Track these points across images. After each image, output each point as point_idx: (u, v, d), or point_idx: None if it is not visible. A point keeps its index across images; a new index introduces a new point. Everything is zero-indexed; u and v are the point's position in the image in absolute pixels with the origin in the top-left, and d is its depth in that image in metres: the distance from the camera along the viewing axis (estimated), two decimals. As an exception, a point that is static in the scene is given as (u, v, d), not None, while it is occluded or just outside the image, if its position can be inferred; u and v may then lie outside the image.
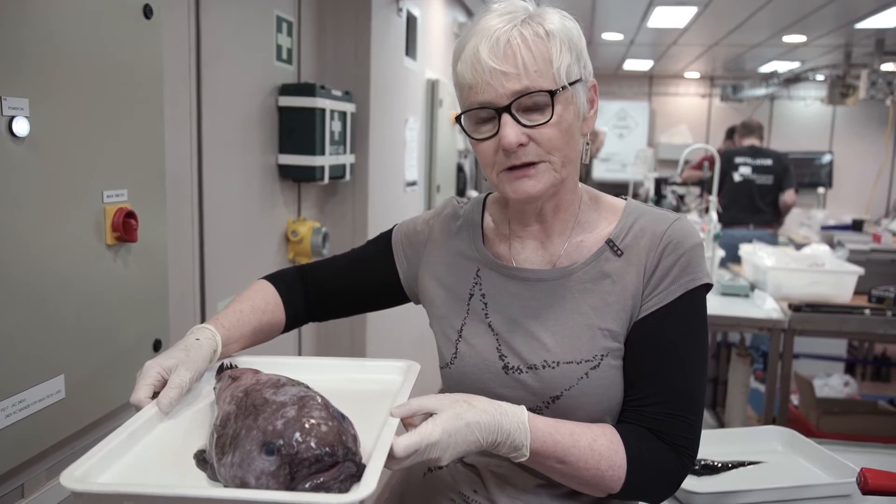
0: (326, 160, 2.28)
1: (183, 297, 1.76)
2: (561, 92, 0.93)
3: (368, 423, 0.83)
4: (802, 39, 6.00)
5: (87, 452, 0.77)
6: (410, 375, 1.00)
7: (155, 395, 0.91)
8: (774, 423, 2.76)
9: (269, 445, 0.72)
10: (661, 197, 6.11)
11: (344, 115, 2.41)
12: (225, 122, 1.92)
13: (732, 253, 3.91)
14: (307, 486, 0.70)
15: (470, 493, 1.02)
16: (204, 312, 1.86)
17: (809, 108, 8.45)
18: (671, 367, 0.97)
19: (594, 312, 0.99)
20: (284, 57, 2.25)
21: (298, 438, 0.72)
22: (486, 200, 1.14)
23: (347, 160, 2.47)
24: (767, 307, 3.06)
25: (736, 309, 3.06)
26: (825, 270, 3.15)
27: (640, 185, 6.74)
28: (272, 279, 1.19)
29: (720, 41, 6.28)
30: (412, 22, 3.19)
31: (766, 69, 7.99)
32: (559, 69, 0.93)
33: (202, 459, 0.81)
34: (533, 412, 0.91)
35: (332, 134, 2.31)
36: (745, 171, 4.91)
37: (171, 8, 1.64)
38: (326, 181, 2.31)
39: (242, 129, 2.04)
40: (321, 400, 0.78)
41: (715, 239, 3.42)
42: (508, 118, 0.92)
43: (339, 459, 0.72)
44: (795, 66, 7.69)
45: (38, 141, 1.10)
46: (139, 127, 1.36)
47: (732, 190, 4.90)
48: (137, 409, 0.89)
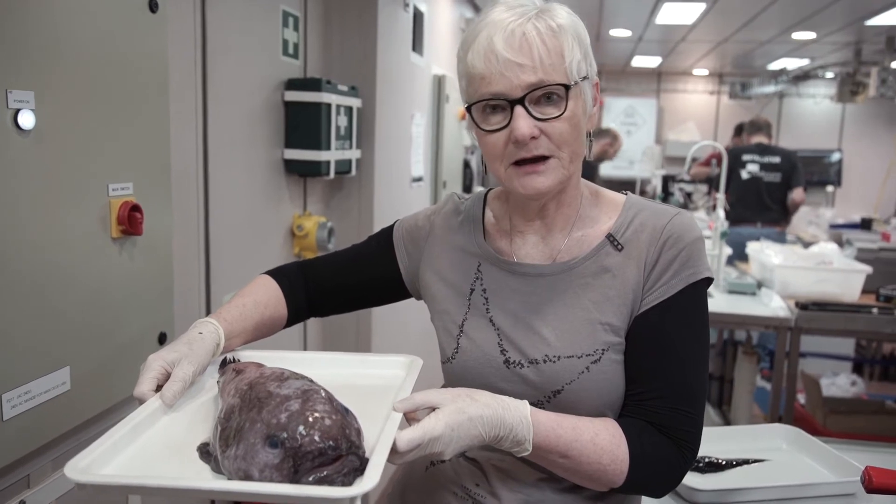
0: (332, 155, 2.28)
1: (188, 290, 1.76)
2: (573, 87, 0.94)
3: (371, 417, 0.83)
4: (812, 36, 5.97)
5: (91, 444, 0.77)
6: (413, 370, 1.01)
7: (158, 388, 0.91)
8: (780, 421, 2.75)
9: (272, 438, 0.72)
10: (668, 194, 6.09)
11: (350, 110, 2.41)
12: (231, 116, 1.92)
13: (740, 251, 3.89)
14: (311, 479, 0.71)
15: (472, 486, 1.02)
16: (209, 306, 1.87)
17: (819, 105, 8.40)
18: (672, 361, 0.97)
19: (595, 307, 0.99)
20: (291, 51, 2.25)
21: (302, 431, 0.72)
22: (486, 196, 1.15)
23: (353, 155, 2.47)
24: (774, 305, 3.05)
25: (742, 307, 3.06)
26: (832, 269, 3.13)
27: (647, 182, 6.72)
28: (274, 274, 1.19)
29: (729, 38, 6.25)
30: (419, 17, 3.19)
31: (775, 66, 7.95)
32: (571, 64, 0.94)
33: (205, 452, 0.81)
34: (534, 406, 0.92)
35: (338, 129, 2.31)
36: (753, 168, 4.89)
37: (176, 2, 1.65)
38: (332, 176, 2.31)
39: (248, 123, 2.04)
40: (325, 394, 0.78)
41: (722, 236, 3.41)
42: (521, 110, 0.93)
43: (342, 453, 0.72)
44: (805, 63, 7.64)
45: (43, 134, 1.11)
46: (145, 120, 1.36)
47: (740, 187, 4.87)
48: (141, 402, 0.89)
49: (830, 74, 7.88)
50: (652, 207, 1.03)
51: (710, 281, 1.00)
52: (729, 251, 3.65)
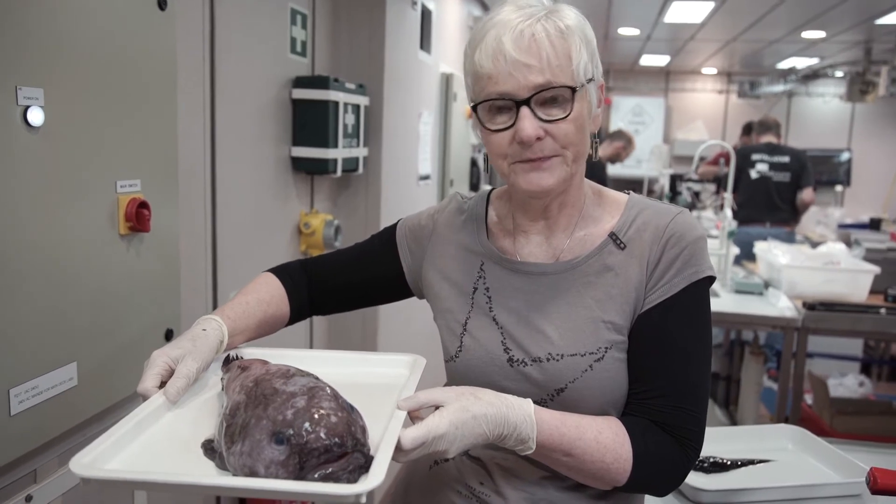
0: (339, 153, 2.29)
1: (195, 287, 1.77)
2: (579, 89, 0.94)
3: (375, 415, 0.83)
4: (822, 35, 5.94)
5: (95, 440, 0.78)
6: (416, 369, 1.01)
7: (162, 384, 0.91)
8: (787, 422, 2.74)
9: (278, 435, 0.72)
10: (676, 193, 6.07)
11: (357, 108, 2.41)
12: (238, 113, 1.93)
13: (748, 250, 3.88)
14: (316, 475, 0.71)
15: (476, 485, 1.02)
16: (216, 303, 1.87)
17: (828, 104, 8.36)
18: (675, 359, 0.97)
19: (597, 305, 0.99)
20: (298, 49, 2.26)
21: (308, 428, 0.72)
22: (490, 195, 1.15)
23: (360, 153, 2.48)
24: (781, 305, 3.04)
25: (750, 307, 3.05)
26: (840, 269, 3.12)
27: (655, 181, 6.71)
28: (277, 272, 1.19)
29: (738, 37, 6.23)
30: (427, 15, 3.19)
31: (784, 65, 7.92)
32: (578, 66, 0.94)
33: (210, 448, 0.81)
34: (538, 405, 0.92)
35: (345, 127, 2.32)
36: (762, 168, 4.86)
37: (185, -1, 1.65)
38: (339, 174, 2.32)
39: (256, 120, 2.04)
40: (331, 391, 0.78)
41: (729, 236, 3.39)
42: (527, 111, 0.93)
43: (348, 450, 0.72)
44: (814, 62, 7.60)
45: (52, 131, 1.11)
46: (153, 118, 1.36)
47: (749, 187, 4.84)
48: (144, 398, 0.89)
49: (840, 74, 7.83)
50: (654, 206, 1.03)
51: (712, 279, 1.00)
52: (736, 251, 3.64)
